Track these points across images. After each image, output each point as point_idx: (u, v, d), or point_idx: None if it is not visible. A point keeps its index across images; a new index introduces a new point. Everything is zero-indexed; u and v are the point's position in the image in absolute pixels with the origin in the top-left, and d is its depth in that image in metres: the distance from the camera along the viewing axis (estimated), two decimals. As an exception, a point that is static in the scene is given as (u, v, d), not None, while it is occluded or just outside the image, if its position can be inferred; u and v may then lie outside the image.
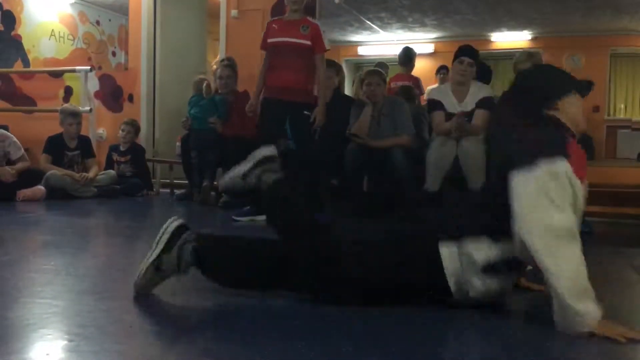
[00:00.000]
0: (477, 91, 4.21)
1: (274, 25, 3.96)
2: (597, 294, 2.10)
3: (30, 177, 4.80)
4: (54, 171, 4.91)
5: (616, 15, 7.94)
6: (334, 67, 4.82)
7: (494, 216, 1.68)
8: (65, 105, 5.57)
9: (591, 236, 3.62)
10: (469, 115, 4.09)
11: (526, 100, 1.82)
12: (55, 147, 5.14)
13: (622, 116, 9.37)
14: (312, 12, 5.41)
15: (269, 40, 3.95)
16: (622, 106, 9.58)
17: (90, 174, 5.10)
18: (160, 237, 1.79)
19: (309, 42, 3.83)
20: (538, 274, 1.63)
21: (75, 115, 5.25)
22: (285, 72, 3.85)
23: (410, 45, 9.83)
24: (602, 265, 2.79)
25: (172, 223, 1.82)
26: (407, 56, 6.38)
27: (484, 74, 4.69)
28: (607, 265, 2.80)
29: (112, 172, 5.39)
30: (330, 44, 4.15)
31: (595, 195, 4.26)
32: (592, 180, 4.18)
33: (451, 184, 4.25)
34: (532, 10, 7.95)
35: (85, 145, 5.34)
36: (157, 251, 1.78)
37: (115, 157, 5.54)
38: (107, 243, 3.25)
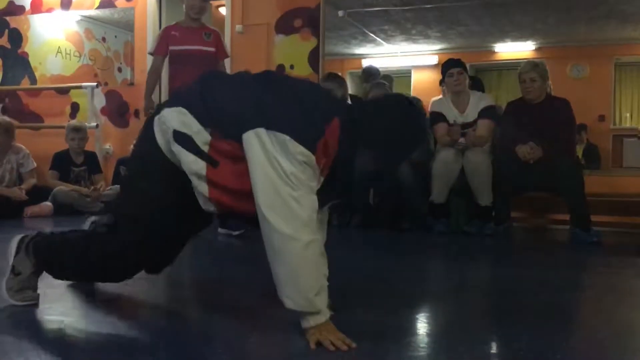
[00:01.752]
0: (478, 101, 4.24)
1: (173, 33, 3.92)
2: (607, 305, 2.10)
3: (38, 193, 4.82)
4: (61, 187, 4.94)
5: (620, 24, 7.94)
6: (337, 81, 4.83)
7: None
8: (72, 121, 5.61)
9: (599, 246, 3.59)
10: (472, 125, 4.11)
11: None
12: (61, 162, 5.16)
13: (628, 125, 9.34)
14: (316, 25, 5.45)
15: (172, 48, 3.91)
16: (628, 115, 9.55)
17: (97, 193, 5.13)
18: (9, 250, 1.91)
19: (213, 49, 3.83)
20: None
21: (78, 130, 5.26)
22: (190, 80, 3.84)
23: (415, 57, 9.92)
24: (611, 276, 2.78)
25: (15, 237, 1.92)
26: (368, 73, 6.23)
27: (476, 86, 4.73)
28: (616, 276, 2.78)
29: (119, 187, 5.41)
30: (335, 57, 4.14)
31: (602, 204, 4.27)
32: (599, 189, 4.22)
33: (457, 195, 4.25)
34: (536, 21, 7.97)
35: (92, 161, 5.36)
36: (11, 260, 1.88)
37: (124, 171, 5.56)
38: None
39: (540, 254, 3.54)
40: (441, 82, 7.24)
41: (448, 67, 4.29)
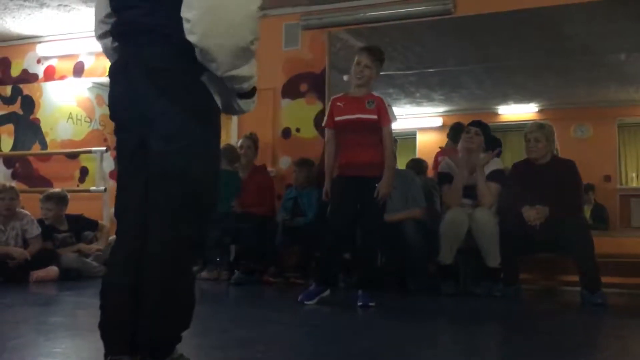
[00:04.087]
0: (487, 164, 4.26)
1: (338, 104, 3.83)
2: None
3: (44, 257, 4.79)
4: (68, 252, 4.94)
5: (621, 86, 8.07)
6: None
7: None
8: (48, 190, 5.43)
9: (605, 308, 3.53)
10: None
11: None
12: (45, 231, 5.00)
13: (634, 185, 9.33)
14: (321, 90, 5.56)
15: (337, 119, 3.80)
16: (634, 175, 9.56)
17: (100, 245, 5.16)
18: None
19: (375, 117, 3.71)
20: None
21: (46, 200, 5.13)
22: (356, 149, 3.69)
23: (419, 119, 10.05)
24: (624, 340, 2.72)
25: None
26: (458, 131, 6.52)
27: (494, 147, 4.75)
28: (629, 340, 2.72)
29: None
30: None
31: (611, 266, 4.21)
32: (608, 250, 4.17)
33: (465, 256, 4.22)
34: (538, 84, 8.11)
35: (77, 224, 5.26)
36: None
37: None
38: (118, 323, 3.21)
39: (551, 317, 3.47)
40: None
41: (469, 124, 4.37)
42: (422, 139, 10.23)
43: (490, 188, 4.14)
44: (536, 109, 9.39)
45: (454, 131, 6.51)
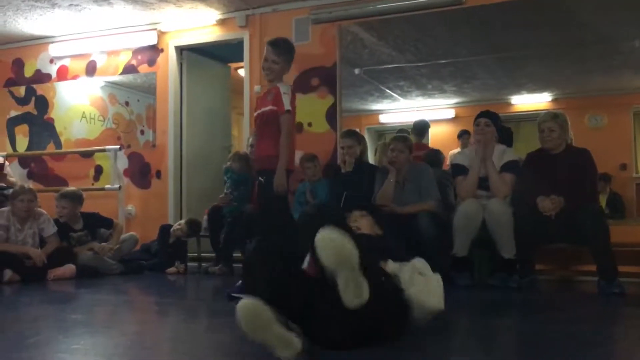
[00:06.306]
0: (501, 154, 4.23)
1: (257, 100, 4.09)
2: None
3: (61, 255, 4.85)
4: (86, 251, 4.99)
5: (636, 73, 7.96)
6: (355, 137, 4.88)
7: None
8: (66, 189, 5.49)
9: (623, 297, 3.50)
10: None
11: None
12: (61, 230, 5.05)
13: (650, 173, 9.21)
14: (333, 83, 5.55)
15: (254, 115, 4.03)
16: (650, 163, 9.44)
17: (112, 244, 5.19)
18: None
19: (273, 107, 3.74)
20: None
21: (60, 198, 5.20)
22: (258, 142, 3.89)
23: (431, 111, 10.01)
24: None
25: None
26: (423, 127, 6.63)
27: (506, 138, 4.72)
28: (647, 328, 2.70)
29: (134, 235, 5.48)
30: (353, 114, 4.19)
31: (628, 255, 4.17)
32: (624, 239, 4.13)
33: (479, 247, 4.20)
34: (551, 73, 8.03)
35: (91, 222, 5.30)
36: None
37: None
38: (135, 320, 3.24)
39: (568, 307, 3.45)
40: (460, 135, 7.34)
41: (478, 116, 4.34)
42: (434, 131, 10.15)
43: (505, 179, 4.11)
44: (550, 99, 9.30)
45: (419, 127, 6.64)
